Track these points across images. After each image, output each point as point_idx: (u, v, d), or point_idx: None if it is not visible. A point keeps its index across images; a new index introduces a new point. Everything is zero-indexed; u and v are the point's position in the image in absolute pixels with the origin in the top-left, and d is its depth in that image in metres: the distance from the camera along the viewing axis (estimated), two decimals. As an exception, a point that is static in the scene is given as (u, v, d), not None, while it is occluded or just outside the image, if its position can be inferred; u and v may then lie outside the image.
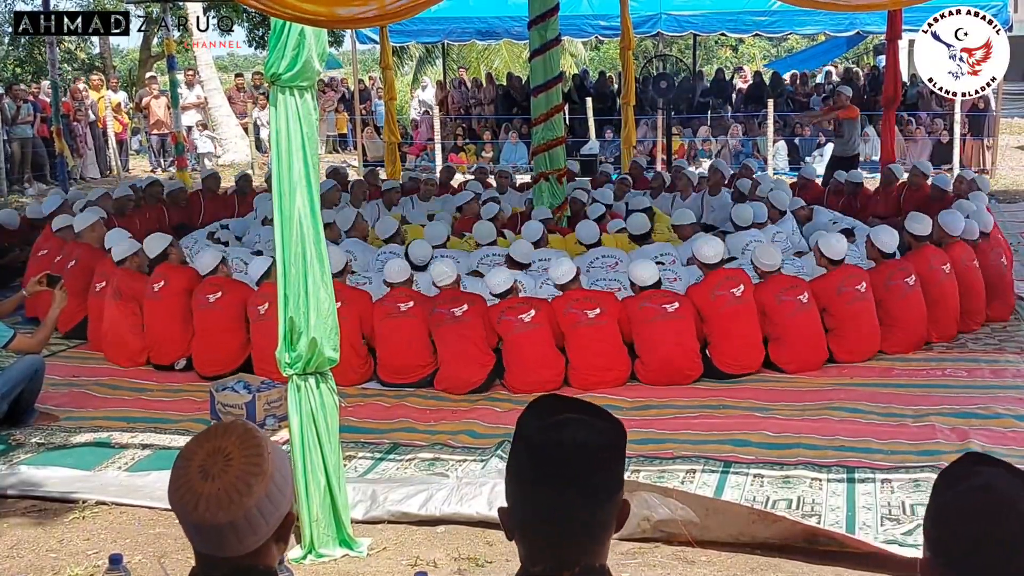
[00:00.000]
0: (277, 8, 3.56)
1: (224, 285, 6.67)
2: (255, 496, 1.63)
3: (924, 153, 15.89)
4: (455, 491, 4.44)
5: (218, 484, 1.62)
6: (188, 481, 1.65)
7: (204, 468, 1.65)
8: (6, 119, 15.84)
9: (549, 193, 8.98)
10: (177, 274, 6.82)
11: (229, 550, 1.65)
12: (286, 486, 1.70)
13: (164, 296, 6.72)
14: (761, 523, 4.02)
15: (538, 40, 8.84)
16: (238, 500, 1.62)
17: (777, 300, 6.36)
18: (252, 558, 1.68)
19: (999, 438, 5.13)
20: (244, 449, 1.66)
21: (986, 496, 1.57)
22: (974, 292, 7.04)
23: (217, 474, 1.63)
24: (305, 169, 3.91)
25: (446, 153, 17.53)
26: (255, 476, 1.64)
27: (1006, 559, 1.54)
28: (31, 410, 5.73)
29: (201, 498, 1.62)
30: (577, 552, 1.60)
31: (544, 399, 1.68)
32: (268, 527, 1.66)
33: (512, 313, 6.16)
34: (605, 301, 6.23)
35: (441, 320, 6.22)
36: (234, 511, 1.62)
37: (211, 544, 1.66)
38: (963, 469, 1.64)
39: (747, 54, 34.98)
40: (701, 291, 6.38)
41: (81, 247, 7.72)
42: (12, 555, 4.21)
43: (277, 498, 1.67)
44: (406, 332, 6.27)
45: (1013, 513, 1.56)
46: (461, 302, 6.25)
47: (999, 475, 1.61)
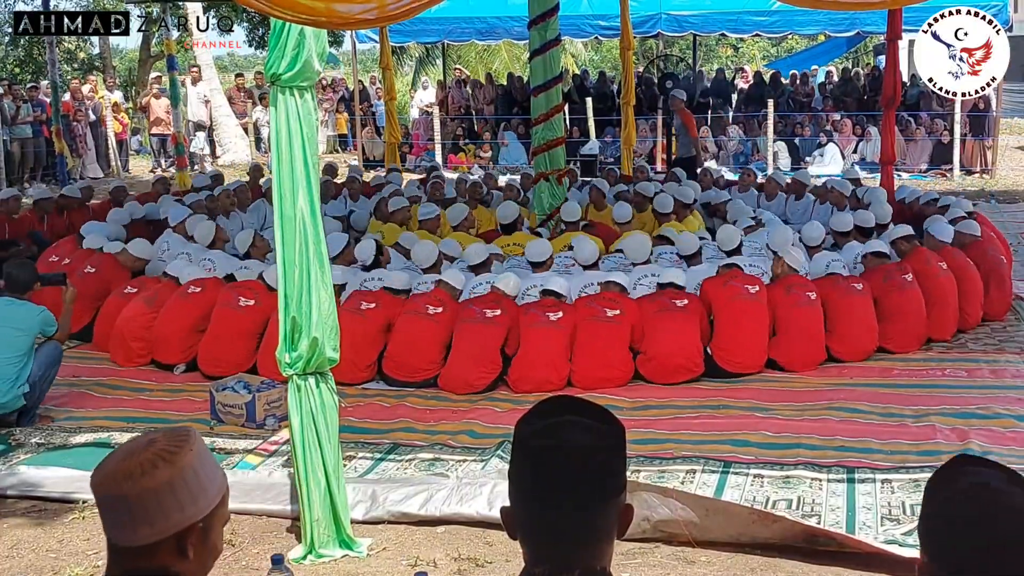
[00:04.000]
0: (277, 8, 3.56)
1: (260, 294, 6.57)
2: (156, 479, 1.64)
3: (924, 153, 15.90)
4: (455, 491, 4.44)
5: (130, 461, 1.66)
6: (109, 458, 1.70)
7: (129, 448, 1.69)
8: (6, 119, 15.84)
9: (549, 193, 8.97)
10: (213, 283, 6.83)
11: (125, 535, 1.66)
12: (201, 494, 1.69)
13: (193, 300, 6.72)
14: (761, 523, 4.03)
15: (538, 40, 8.83)
16: (138, 477, 1.64)
17: (787, 290, 6.44)
18: (146, 559, 1.66)
19: (999, 438, 5.13)
20: (169, 440, 1.70)
21: (979, 498, 1.58)
22: (973, 291, 7.07)
23: (135, 453, 1.67)
24: (305, 169, 3.91)
25: (446, 153, 17.53)
26: (164, 461, 1.66)
27: (1001, 560, 1.55)
28: (32, 412, 5.75)
29: (110, 471, 1.66)
30: (579, 554, 1.60)
31: (545, 401, 1.68)
32: (165, 522, 1.65)
33: (541, 308, 6.18)
34: (626, 305, 6.27)
35: (470, 316, 6.22)
36: (131, 486, 1.63)
37: (107, 522, 1.68)
38: (954, 472, 1.64)
39: (747, 54, 34.98)
40: (715, 281, 6.52)
41: (104, 257, 7.65)
42: (12, 555, 4.21)
43: (183, 495, 1.66)
44: (426, 334, 6.25)
45: (1006, 514, 1.56)
46: (497, 307, 6.25)
47: (991, 476, 1.61)
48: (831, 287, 6.58)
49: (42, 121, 16.17)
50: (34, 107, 16.43)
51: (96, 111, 17.58)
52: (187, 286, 6.84)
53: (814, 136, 16.55)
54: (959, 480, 1.62)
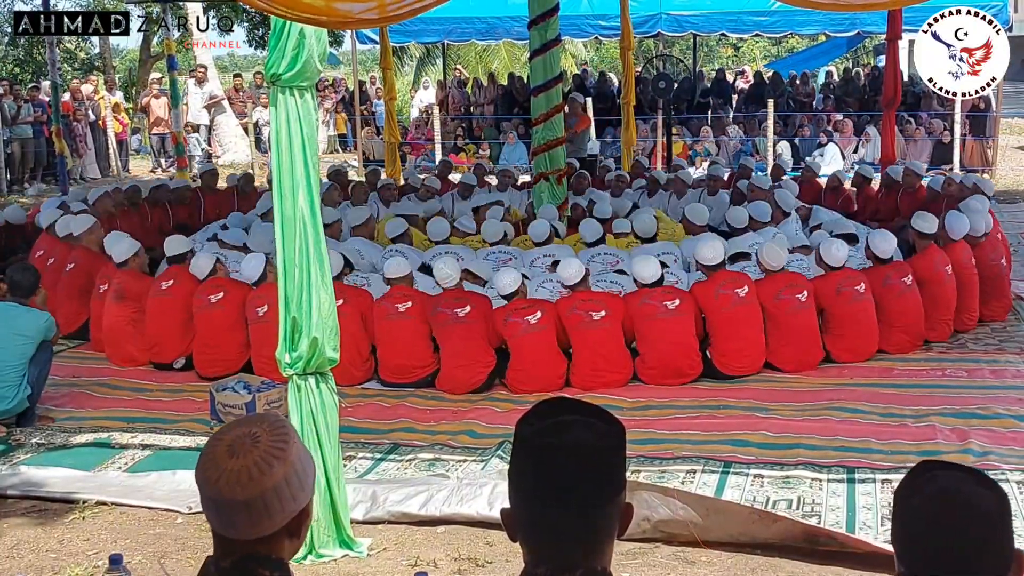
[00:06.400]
0: (277, 8, 3.56)
1: (226, 286, 6.67)
2: (274, 479, 1.71)
3: (924, 153, 15.89)
4: (455, 491, 4.44)
5: (241, 461, 1.70)
6: (215, 457, 1.73)
7: (232, 446, 1.73)
8: (6, 119, 15.84)
9: (549, 193, 8.98)
10: (186, 274, 6.81)
11: (242, 531, 1.72)
12: (306, 481, 1.78)
13: (171, 294, 6.73)
14: (761, 523, 4.02)
15: (538, 40, 8.83)
16: (258, 478, 1.70)
17: (776, 298, 6.37)
18: (264, 546, 1.74)
19: (999, 438, 5.13)
20: (272, 434, 1.75)
21: (948, 502, 1.58)
22: (969, 291, 7.06)
23: (243, 452, 1.72)
24: (305, 169, 3.91)
25: (446, 153, 17.53)
26: (277, 459, 1.72)
27: (971, 562, 1.56)
28: (31, 412, 5.75)
29: (224, 473, 1.70)
30: (579, 554, 1.60)
31: (545, 402, 1.69)
32: (283, 514, 1.73)
33: (518, 315, 6.14)
34: (610, 303, 6.23)
35: (444, 320, 6.21)
36: (252, 489, 1.69)
37: (225, 522, 1.73)
38: (922, 477, 1.65)
39: (748, 54, 34.99)
40: (705, 289, 6.38)
41: (79, 250, 7.67)
42: (12, 555, 4.21)
43: (295, 487, 1.74)
44: (405, 333, 6.27)
45: (973, 514, 1.57)
46: (464, 303, 6.23)
47: (959, 479, 1.62)
48: (832, 293, 6.51)
49: (42, 121, 16.16)
50: (34, 107, 16.43)
51: (96, 111, 17.57)
52: (159, 282, 6.82)
53: (814, 136, 16.55)
54: (926, 486, 1.62)
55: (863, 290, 6.53)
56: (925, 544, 1.59)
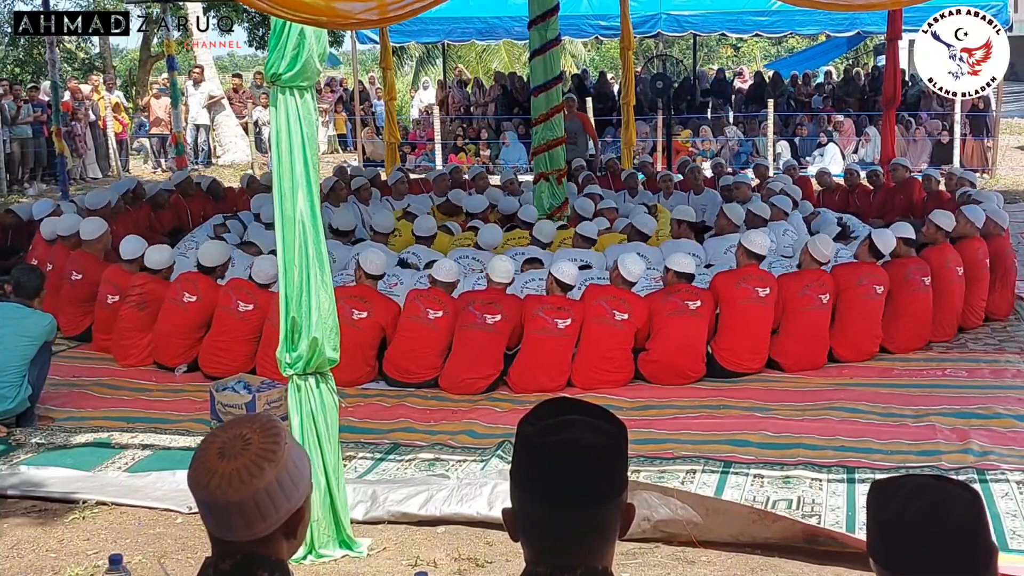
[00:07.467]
0: (278, 7, 3.56)
1: (258, 298, 6.50)
2: (265, 480, 1.71)
3: (924, 153, 15.90)
4: (455, 491, 4.44)
5: (233, 464, 1.71)
6: (206, 460, 1.73)
7: (223, 449, 1.73)
8: (6, 119, 15.84)
9: (549, 193, 8.98)
10: (210, 288, 6.70)
11: (238, 532, 1.73)
12: (300, 480, 1.78)
13: (191, 309, 6.65)
14: (761, 523, 4.03)
15: (538, 40, 8.84)
16: (248, 481, 1.70)
17: (801, 293, 6.40)
18: (261, 547, 1.75)
19: (999, 438, 5.13)
20: (263, 436, 1.75)
21: (921, 507, 1.59)
22: (979, 288, 7.08)
23: (233, 455, 1.72)
24: (305, 169, 3.91)
25: (446, 153, 17.53)
26: (268, 461, 1.72)
27: (948, 564, 1.56)
28: (31, 412, 5.75)
29: (215, 475, 1.71)
30: (580, 554, 1.60)
31: (546, 401, 1.69)
32: (277, 515, 1.73)
33: (551, 313, 6.09)
34: (635, 308, 6.17)
35: (470, 322, 6.15)
36: (244, 491, 1.70)
37: (220, 524, 1.73)
38: (896, 482, 1.66)
39: (748, 54, 34.99)
40: (727, 279, 6.43)
41: (85, 257, 7.49)
42: (12, 555, 4.21)
43: (288, 488, 1.74)
44: (424, 343, 6.22)
45: (949, 517, 1.57)
46: (496, 311, 6.14)
47: (927, 484, 1.62)
48: (845, 285, 6.52)
49: (42, 121, 16.16)
50: (34, 107, 16.43)
51: (95, 111, 17.57)
52: (181, 294, 6.71)
53: (814, 136, 16.56)
54: (898, 493, 1.63)
55: (881, 292, 6.54)
56: (899, 547, 1.60)
